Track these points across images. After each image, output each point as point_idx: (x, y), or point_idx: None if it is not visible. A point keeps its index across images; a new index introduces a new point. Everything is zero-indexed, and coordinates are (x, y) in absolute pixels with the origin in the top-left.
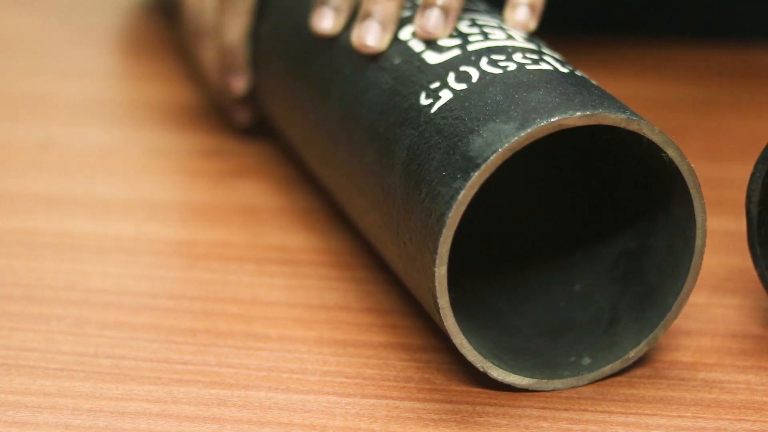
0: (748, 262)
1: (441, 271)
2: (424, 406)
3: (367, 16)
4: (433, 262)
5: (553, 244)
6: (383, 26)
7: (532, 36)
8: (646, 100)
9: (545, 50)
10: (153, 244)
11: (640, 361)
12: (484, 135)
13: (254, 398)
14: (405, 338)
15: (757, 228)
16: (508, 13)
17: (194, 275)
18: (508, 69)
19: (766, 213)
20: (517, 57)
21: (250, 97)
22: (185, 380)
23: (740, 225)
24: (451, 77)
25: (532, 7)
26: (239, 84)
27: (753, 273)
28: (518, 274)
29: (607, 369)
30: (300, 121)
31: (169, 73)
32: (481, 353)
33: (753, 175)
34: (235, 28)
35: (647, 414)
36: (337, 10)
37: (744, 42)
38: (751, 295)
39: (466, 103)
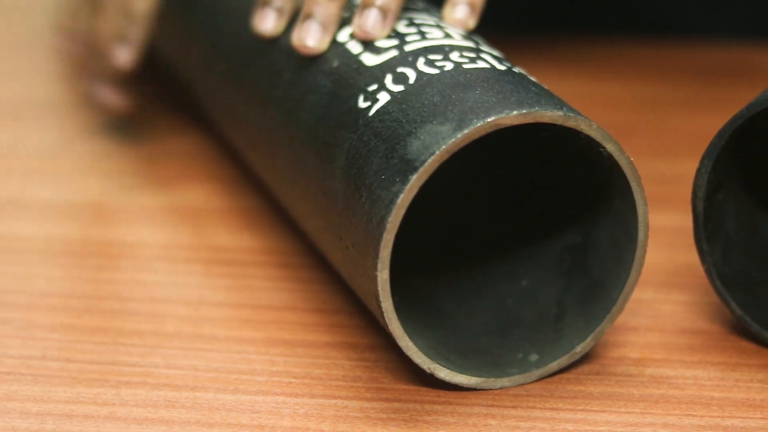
0: (695, 258)
1: (383, 276)
2: (373, 405)
3: (308, 17)
4: (375, 267)
5: (500, 240)
6: (324, 27)
7: (470, 34)
8: (596, 98)
9: (483, 48)
10: (99, 246)
11: (588, 358)
12: (422, 137)
13: (202, 399)
14: (353, 337)
15: (704, 224)
16: (447, 11)
17: (141, 277)
18: (445, 69)
19: (712, 209)
20: (454, 56)
21: (127, 83)
22: (133, 382)
23: (688, 221)
24: (388, 79)
25: (471, 5)
26: (125, 56)
27: (700, 269)
28: (466, 272)
29: (555, 365)
30: (242, 124)
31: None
32: (427, 354)
33: (699, 171)
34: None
35: (595, 410)
36: (279, 11)
37: (691, 39)
38: (699, 290)
39: (404, 106)
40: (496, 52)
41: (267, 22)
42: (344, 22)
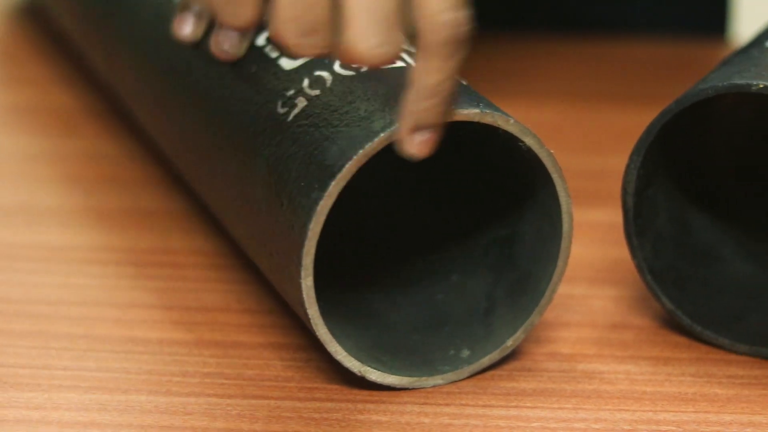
0: (626, 253)
1: (307, 282)
2: (305, 405)
3: None
4: (299, 274)
5: (429, 236)
6: (241, 32)
7: None
8: (527, 94)
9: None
10: (30, 250)
11: (520, 354)
12: (339, 142)
13: (134, 402)
14: (285, 338)
15: (634, 219)
16: None
17: (72, 280)
18: (362, 70)
19: (642, 204)
20: None
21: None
22: (65, 386)
23: (618, 216)
24: (305, 83)
25: None
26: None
27: (631, 264)
28: (396, 270)
29: (486, 360)
30: (167, 131)
31: (48, 78)
32: (358, 357)
33: (628, 166)
34: None
35: (528, 407)
36: (198, 16)
37: (621, 36)
38: (630, 285)
39: (321, 110)
40: (413, 49)
41: (186, 27)
42: (262, 26)
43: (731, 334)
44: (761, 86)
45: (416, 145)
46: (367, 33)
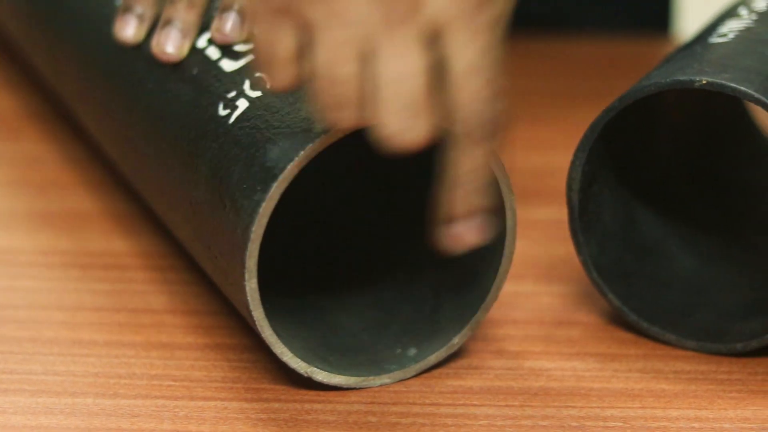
0: (572, 250)
1: (251, 285)
2: (253, 406)
3: (168, 23)
4: (242, 277)
5: (376, 236)
6: (183, 34)
7: None
8: None
9: None
10: None
11: (467, 352)
12: (281, 143)
13: (81, 405)
14: (232, 339)
15: (579, 216)
16: None
17: (18, 283)
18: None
19: (588, 201)
20: None
21: None
22: (11, 389)
23: (565, 213)
24: (246, 85)
25: None
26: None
27: (577, 261)
28: (342, 269)
29: (433, 358)
30: (111, 134)
31: None
32: (304, 358)
33: (573, 163)
34: None
35: (475, 405)
36: (140, 18)
37: (567, 33)
38: (576, 282)
39: (262, 111)
40: None
41: (128, 29)
42: (204, 28)
43: (678, 330)
44: (704, 82)
45: (452, 236)
46: (391, 118)
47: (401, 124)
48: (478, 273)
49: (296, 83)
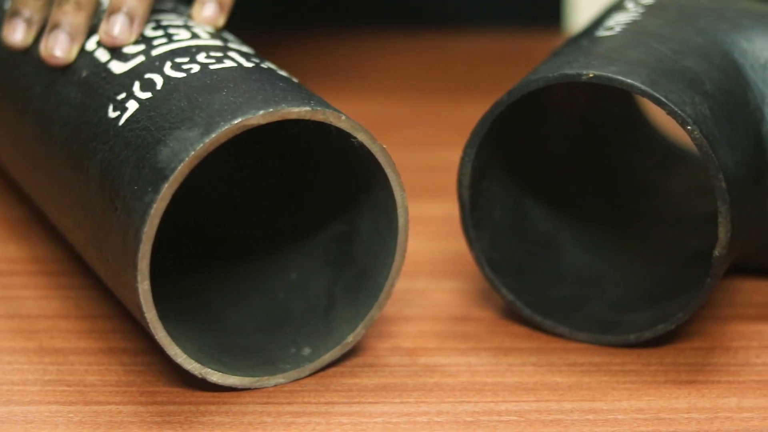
0: (465, 245)
1: (144, 287)
2: (147, 409)
3: (55, 26)
4: (135, 279)
5: (269, 235)
6: (71, 37)
7: (219, 32)
8: (366, 91)
9: (232, 45)
10: None
11: (362, 350)
12: (171, 144)
13: None
14: (126, 342)
15: (470, 211)
16: (196, 9)
17: None
18: (192, 71)
19: (478, 196)
20: (201, 57)
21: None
22: None
23: (457, 209)
24: (136, 86)
25: (220, 3)
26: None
27: (470, 256)
28: (236, 270)
29: (327, 357)
30: (1, 138)
31: None
32: (198, 359)
33: (463, 159)
34: None
35: (370, 402)
36: (28, 22)
37: (457, 29)
38: (470, 278)
39: (152, 113)
40: (245, 49)
41: (16, 34)
42: (93, 30)
43: (570, 323)
44: (591, 75)
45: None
46: None
47: None
48: (371, 271)
49: None
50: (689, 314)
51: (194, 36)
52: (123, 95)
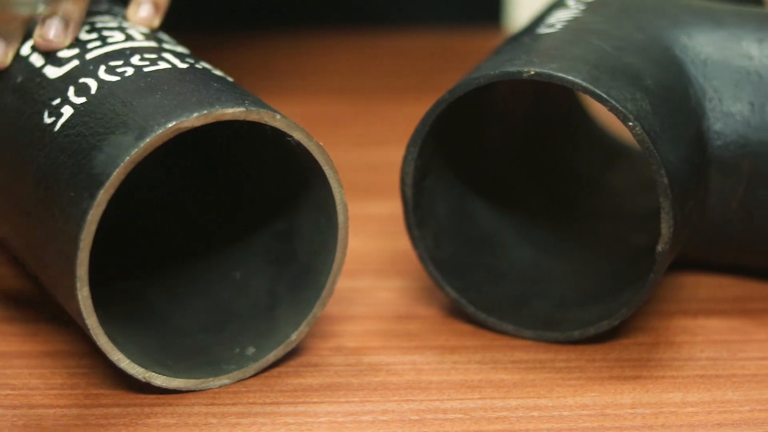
0: (409, 244)
1: (83, 293)
2: (92, 412)
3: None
4: (74, 285)
5: (211, 236)
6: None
7: (155, 33)
8: (307, 90)
9: (166, 47)
10: None
11: (307, 350)
12: (106, 150)
13: None
14: (69, 345)
15: (413, 210)
16: (132, 10)
17: None
18: (126, 75)
19: (422, 195)
20: (135, 60)
21: None
22: None
23: (400, 208)
24: (71, 91)
25: (155, 4)
26: None
27: (414, 255)
28: (179, 271)
29: (272, 356)
30: None
31: None
32: (142, 363)
33: (405, 158)
34: None
35: (315, 402)
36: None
37: (396, 28)
38: (415, 276)
39: (86, 118)
40: (180, 49)
41: None
42: (28, 35)
43: (515, 320)
44: (532, 73)
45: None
46: None
47: None
48: (312, 269)
49: None
50: (633, 310)
51: (129, 38)
52: (58, 100)
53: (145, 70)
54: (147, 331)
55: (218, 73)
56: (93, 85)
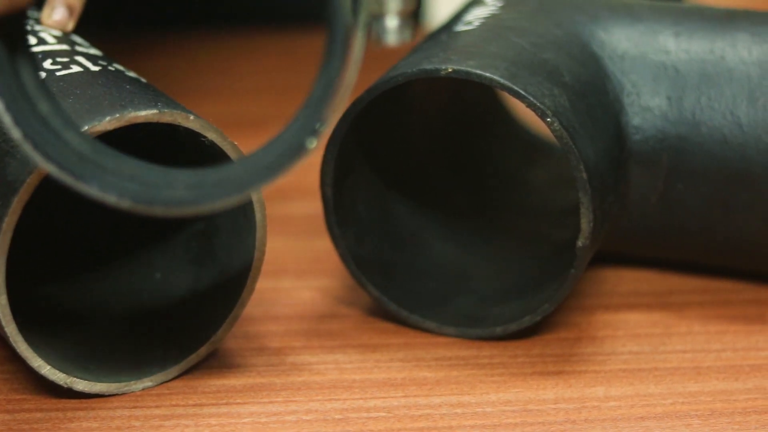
0: (331, 243)
1: (1, 301)
2: (14, 417)
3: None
4: None
5: (130, 237)
6: (70, 10)
7: (67, 35)
8: (228, 92)
9: (79, 49)
10: None
11: (230, 351)
12: (19, 156)
13: None
14: None
15: (334, 209)
16: (46, 13)
17: None
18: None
19: (342, 194)
20: (47, 64)
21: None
22: None
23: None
24: None
25: (70, 7)
26: None
27: (336, 254)
28: (99, 274)
29: (194, 357)
30: None
31: None
32: (63, 368)
33: (325, 157)
34: None
35: (238, 403)
36: None
37: (313, 28)
38: (337, 275)
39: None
40: (93, 51)
41: None
42: None
43: (438, 317)
44: (450, 70)
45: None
46: None
47: None
48: (232, 268)
49: None
50: (555, 305)
51: (41, 41)
52: None
53: (58, 74)
54: (68, 335)
55: (132, 74)
56: None
